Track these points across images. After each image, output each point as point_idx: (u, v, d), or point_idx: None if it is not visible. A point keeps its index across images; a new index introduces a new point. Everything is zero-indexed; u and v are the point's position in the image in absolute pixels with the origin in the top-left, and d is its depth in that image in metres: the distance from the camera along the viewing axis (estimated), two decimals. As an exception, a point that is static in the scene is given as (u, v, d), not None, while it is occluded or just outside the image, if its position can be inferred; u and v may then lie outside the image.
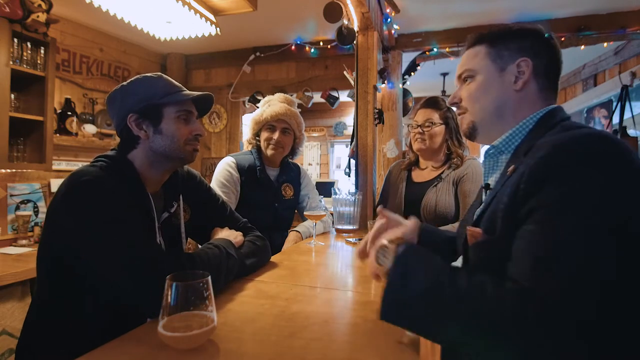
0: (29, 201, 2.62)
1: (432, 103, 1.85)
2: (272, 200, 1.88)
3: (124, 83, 1.05)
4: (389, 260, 0.63)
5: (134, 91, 1.03)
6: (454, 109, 1.86)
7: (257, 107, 2.00)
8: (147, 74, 1.07)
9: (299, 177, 2.04)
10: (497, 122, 0.85)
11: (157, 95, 1.03)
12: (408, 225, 0.83)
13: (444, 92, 4.56)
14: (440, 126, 1.81)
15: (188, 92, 1.07)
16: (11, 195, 2.52)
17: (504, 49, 0.84)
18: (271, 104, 1.89)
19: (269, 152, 1.87)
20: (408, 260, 0.61)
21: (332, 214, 2.08)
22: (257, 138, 1.91)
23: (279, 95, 1.95)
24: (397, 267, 0.60)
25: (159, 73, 1.09)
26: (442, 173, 1.82)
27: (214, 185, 1.77)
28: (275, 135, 1.85)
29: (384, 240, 0.67)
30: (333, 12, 2.24)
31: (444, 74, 4.43)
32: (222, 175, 1.79)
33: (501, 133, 0.83)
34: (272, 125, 1.86)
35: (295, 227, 1.91)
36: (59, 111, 2.84)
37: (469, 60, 0.88)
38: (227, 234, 1.18)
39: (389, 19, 2.90)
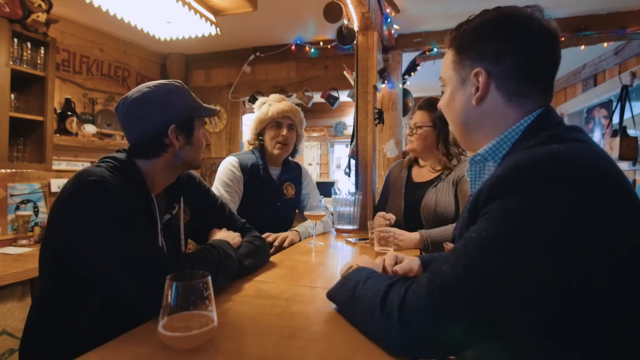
0: (29, 201, 2.62)
1: (427, 104, 1.86)
2: (274, 199, 1.89)
3: (151, 88, 1.02)
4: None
5: (173, 101, 1.03)
6: None
7: (254, 109, 2.00)
8: (172, 82, 1.07)
9: (300, 176, 2.04)
10: (469, 135, 0.83)
11: (192, 107, 1.07)
12: (412, 260, 1.03)
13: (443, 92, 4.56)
14: (428, 128, 1.81)
15: (207, 105, 1.12)
16: (11, 195, 2.52)
17: (465, 57, 0.78)
18: (271, 103, 1.89)
19: (276, 151, 1.86)
20: (350, 275, 0.82)
21: (332, 214, 2.08)
22: (260, 137, 1.91)
23: (275, 95, 1.95)
24: (342, 279, 0.84)
25: (179, 82, 1.10)
26: (441, 174, 1.83)
27: (217, 184, 1.77)
28: (284, 132, 1.85)
29: (353, 265, 0.90)
30: (333, 12, 2.24)
31: (444, 74, 4.43)
32: (225, 174, 1.79)
33: (478, 143, 0.80)
34: (279, 122, 1.86)
35: (294, 226, 1.91)
36: (59, 111, 2.84)
37: (443, 66, 0.85)
38: (225, 235, 1.18)
39: (389, 19, 2.90)
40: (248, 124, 1.98)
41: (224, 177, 1.78)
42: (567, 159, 0.59)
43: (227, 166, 1.82)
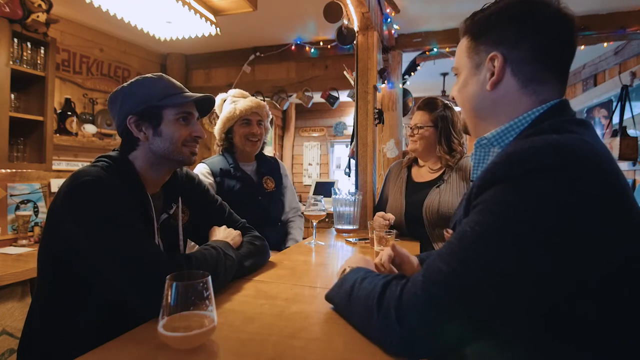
0: (29, 201, 2.62)
1: (426, 104, 1.86)
2: (254, 194, 1.87)
3: (125, 84, 1.05)
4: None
5: (133, 92, 1.03)
6: (457, 108, 1.86)
7: (215, 109, 1.98)
8: (147, 75, 1.07)
9: (279, 170, 2.04)
10: (480, 122, 0.81)
11: (156, 96, 1.03)
12: (412, 259, 1.03)
13: (444, 92, 4.56)
14: (429, 129, 1.82)
15: (189, 93, 1.07)
16: (11, 195, 2.52)
17: (481, 43, 0.76)
18: (235, 100, 1.89)
19: (249, 147, 1.87)
20: (346, 277, 0.82)
21: (328, 214, 2.07)
22: (229, 136, 1.90)
23: (236, 91, 1.94)
24: (339, 281, 0.85)
25: (160, 73, 1.08)
26: (443, 174, 1.83)
27: None
28: (254, 129, 1.86)
29: (346, 267, 0.89)
30: (333, 12, 2.24)
31: (444, 74, 4.43)
32: None
33: (489, 131, 0.78)
34: (248, 119, 1.86)
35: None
36: (59, 111, 2.84)
37: (457, 54, 0.84)
38: (225, 234, 1.18)
39: (389, 19, 2.90)
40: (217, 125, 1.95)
41: None
42: (563, 149, 0.58)
43: (198, 175, 1.81)
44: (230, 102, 1.89)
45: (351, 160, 2.57)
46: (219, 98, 1.95)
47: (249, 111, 1.84)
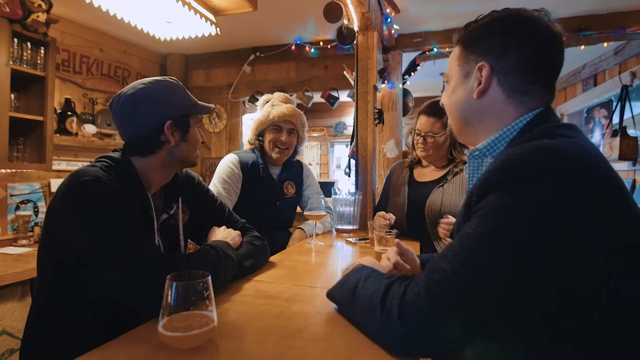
0: (29, 201, 2.62)
1: (434, 111, 1.82)
2: (274, 199, 1.88)
3: (148, 85, 1.02)
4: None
5: (168, 98, 1.04)
6: None
7: (256, 106, 1.99)
8: (165, 79, 1.06)
9: (301, 174, 2.04)
10: (467, 128, 0.84)
11: (187, 105, 1.07)
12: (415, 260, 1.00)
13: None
14: (443, 135, 1.80)
15: (202, 103, 1.12)
16: (11, 195, 2.52)
17: (471, 52, 0.79)
18: (275, 104, 1.88)
19: (275, 154, 1.85)
20: (350, 275, 0.82)
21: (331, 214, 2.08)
22: (260, 138, 1.90)
23: (279, 95, 1.93)
24: (342, 278, 0.85)
25: (174, 78, 1.09)
26: (447, 174, 1.82)
27: (216, 181, 1.77)
28: (283, 137, 1.84)
29: (356, 262, 0.88)
30: (333, 12, 2.24)
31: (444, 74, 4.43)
32: (224, 172, 1.79)
33: (476, 137, 0.82)
34: (279, 126, 1.84)
35: (297, 225, 1.91)
36: (59, 111, 2.84)
37: (449, 62, 0.87)
38: (225, 235, 1.19)
39: (389, 19, 2.90)
40: (248, 123, 1.96)
41: (222, 175, 1.78)
42: (556, 152, 0.60)
43: (227, 164, 1.82)
44: (270, 106, 1.88)
45: (351, 160, 2.57)
46: (262, 98, 1.95)
47: (281, 118, 1.82)
